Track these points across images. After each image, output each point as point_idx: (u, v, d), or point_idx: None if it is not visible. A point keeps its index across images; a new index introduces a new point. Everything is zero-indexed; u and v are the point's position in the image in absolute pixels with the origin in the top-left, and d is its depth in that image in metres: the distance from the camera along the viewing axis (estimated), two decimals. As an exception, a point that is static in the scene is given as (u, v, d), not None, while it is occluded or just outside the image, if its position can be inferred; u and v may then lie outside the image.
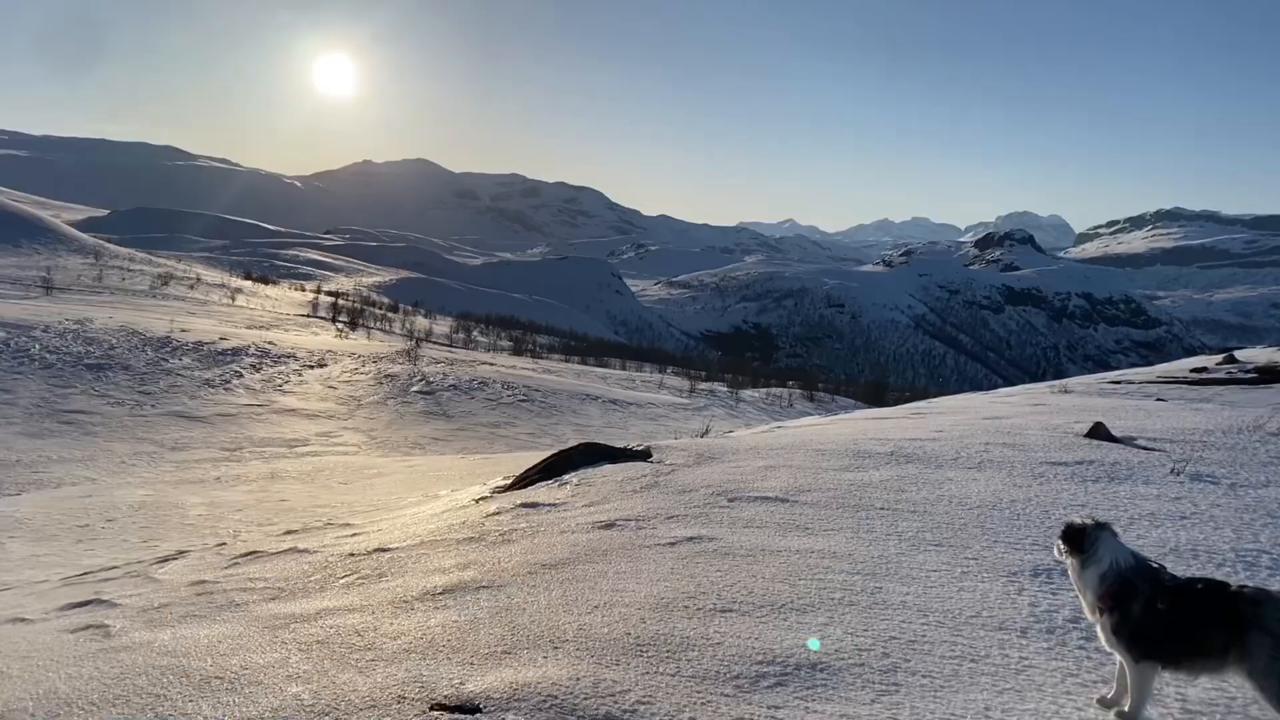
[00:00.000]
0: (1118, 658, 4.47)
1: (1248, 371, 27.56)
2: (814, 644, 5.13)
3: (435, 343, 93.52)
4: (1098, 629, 4.53)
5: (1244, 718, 4.47)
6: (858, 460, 10.83)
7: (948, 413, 18.14)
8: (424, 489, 19.20)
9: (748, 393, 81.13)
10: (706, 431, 19.40)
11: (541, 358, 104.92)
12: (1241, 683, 4.31)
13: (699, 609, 5.85)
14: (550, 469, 12.25)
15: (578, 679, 4.69)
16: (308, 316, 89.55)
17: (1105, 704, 4.50)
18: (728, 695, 4.57)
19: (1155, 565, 4.46)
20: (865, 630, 5.40)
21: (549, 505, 9.89)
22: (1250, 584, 4.43)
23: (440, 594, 6.76)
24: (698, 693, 4.59)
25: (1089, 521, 4.61)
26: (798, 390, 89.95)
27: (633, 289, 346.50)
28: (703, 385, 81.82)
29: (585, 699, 4.47)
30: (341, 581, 7.76)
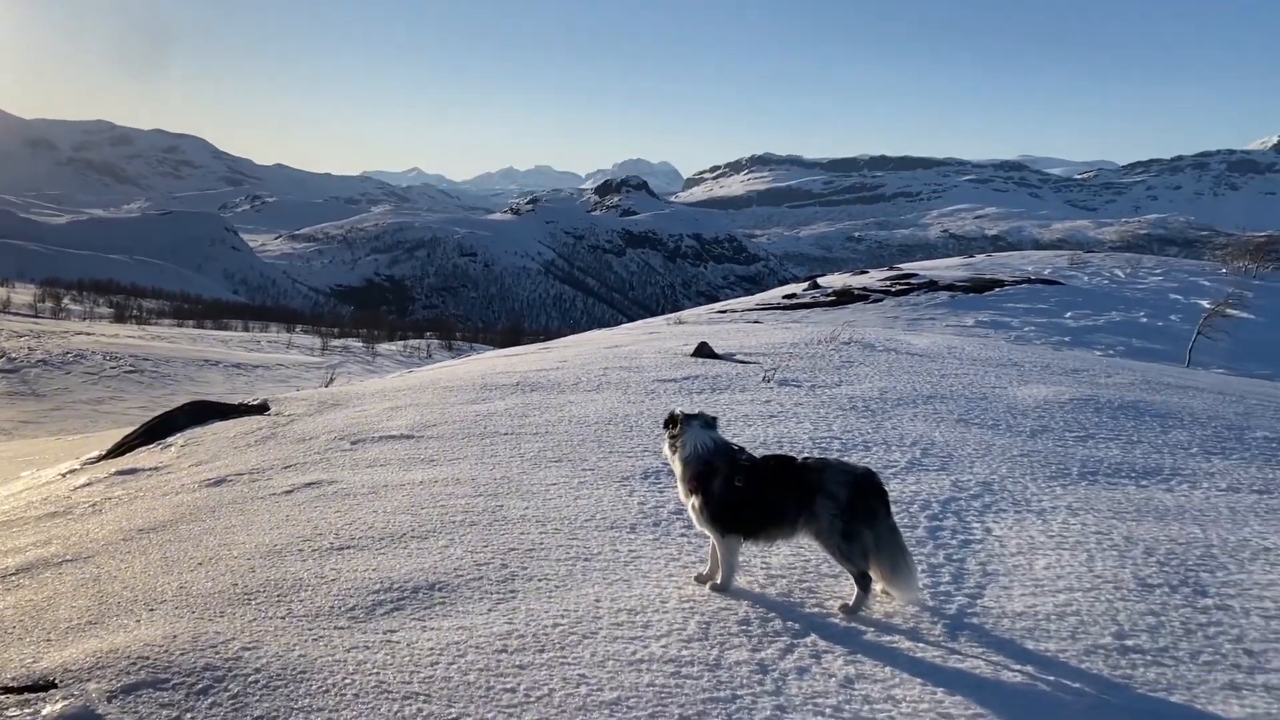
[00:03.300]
0: (709, 536, 4.87)
1: (828, 295, 31.27)
2: None
3: (16, 314, 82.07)
4: (689, 511, 4.91)
5: (816, 575, 5.05)
6: (484, 393, 10.91)
7: (573, 345, 18.81)
8: (4, 476, 16.82)
9: (384, 346, 79.44)
10: (331, 381, 18.68)
11: (150, 324, 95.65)
12: (811, 543, 4.86)
13: (315, 550, 5.61)
14: (153, 433, 11.17)
15: (174, 637, 4.32)
16: None
17: (701, 580, 4.90)
18: (342, 627, 4.43)
19: (735, 448, 4.89)
20: (485, 546, 5.46)
21: (150, 470, 9.01)
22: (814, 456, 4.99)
23: (13, 575, 5.93)
24: (310, 630, 4.40)
25: (679, 412, 4.94)
26: (436, 340, 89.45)
27: (251, 245, 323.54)
28: (336, 342, 78.94)
29: (182, 655, 4.12)
30: (-117, 580, 6.58)
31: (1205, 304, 25.24)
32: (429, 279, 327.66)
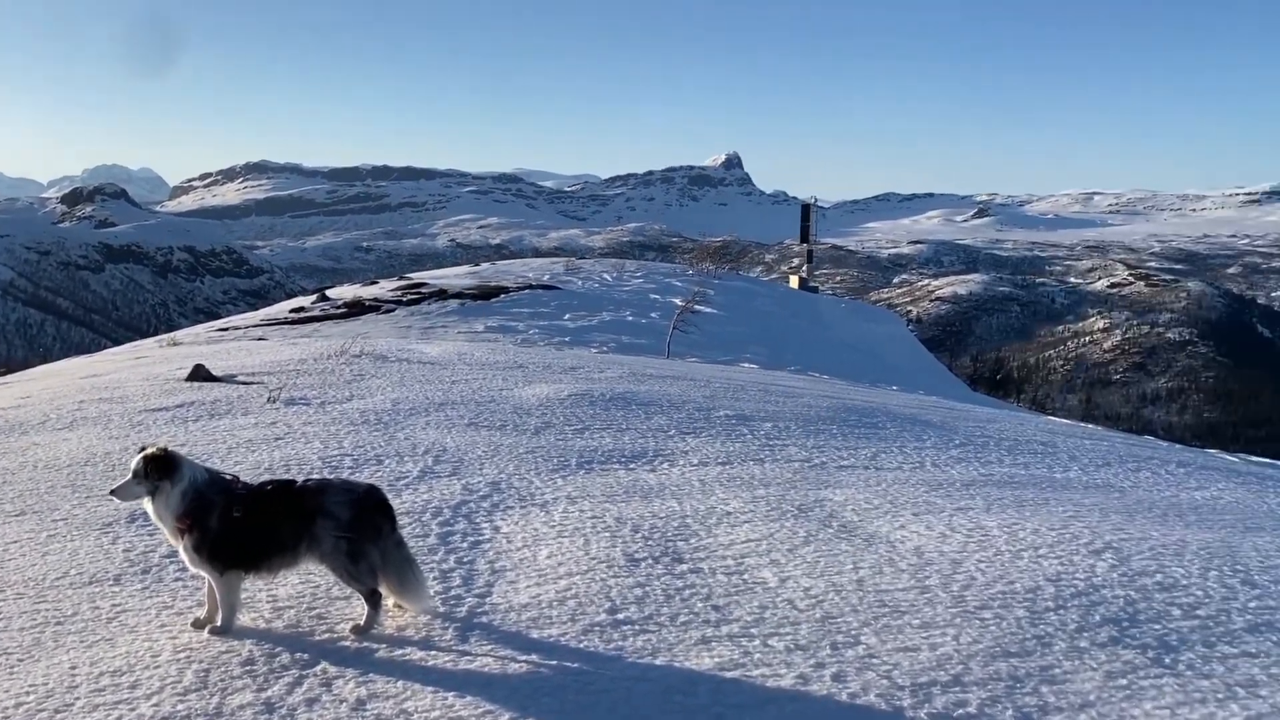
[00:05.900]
0: (206, 576, 4.51)
1: (338, 307, 30.60)
2: None
3: None
4: (181, 553, 4.51)
5: (327, 600, 4.90)
6: (-83, 444, 9.12)
7: (40, 378, 16.49)
8: None
9: None
10: None
11: None
12: (320, 568, 4.72)
13: None
14: None
15: None
16: None
17: (200, 625, 4.52)
18: None
19: (229, 477, 4.59)
20: (-79, 628, 4.57)
21: None
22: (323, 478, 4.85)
23: None
24: None
25: (159, 451, 4.50)
26: None
27: None
28: None
29: None
30: None
31: (678, 301, 28.50)
32: None
